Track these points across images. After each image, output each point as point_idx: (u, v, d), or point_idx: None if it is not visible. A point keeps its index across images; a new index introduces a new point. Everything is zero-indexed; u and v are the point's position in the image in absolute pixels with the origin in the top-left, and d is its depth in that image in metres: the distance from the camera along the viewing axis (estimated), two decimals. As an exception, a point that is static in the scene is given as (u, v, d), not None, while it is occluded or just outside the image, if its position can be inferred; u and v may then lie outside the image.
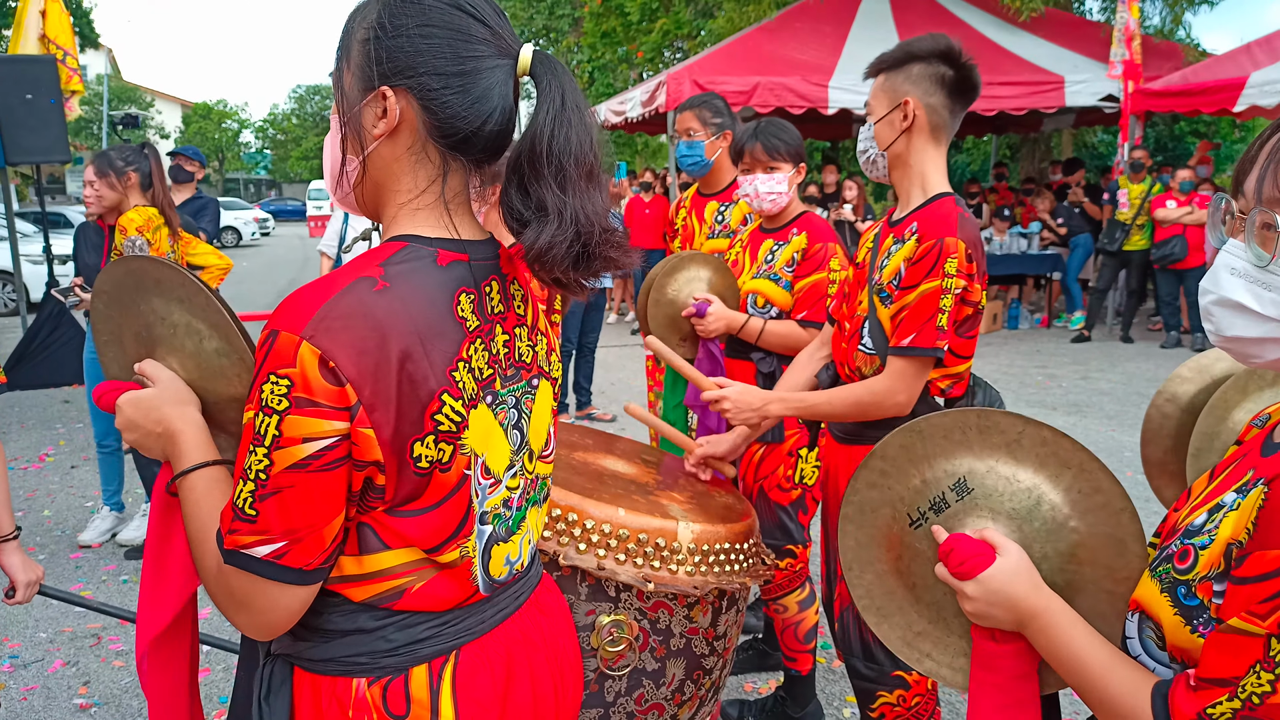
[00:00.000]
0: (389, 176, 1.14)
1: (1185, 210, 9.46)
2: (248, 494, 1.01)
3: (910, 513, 1.31)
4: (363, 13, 1.13)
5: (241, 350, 1.23)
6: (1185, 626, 0.99)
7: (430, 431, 1.06)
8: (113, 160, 4.27)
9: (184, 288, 1.25)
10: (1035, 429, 1.24)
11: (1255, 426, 1.14)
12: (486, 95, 1.11)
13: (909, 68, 2.12)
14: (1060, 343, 10.25)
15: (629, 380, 8.51)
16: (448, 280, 1.11)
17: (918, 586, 1.32)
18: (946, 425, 1.29)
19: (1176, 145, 19.48)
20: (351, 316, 1.01)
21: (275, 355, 0.99)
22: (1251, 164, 0.98)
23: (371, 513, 1.08)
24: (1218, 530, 0.99)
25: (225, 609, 1.07)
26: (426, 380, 1.05)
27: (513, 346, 1.20)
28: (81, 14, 27.13)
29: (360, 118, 1.12)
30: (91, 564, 4.42)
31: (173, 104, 50.38)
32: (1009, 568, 1.16)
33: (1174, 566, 1.03)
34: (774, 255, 2.91)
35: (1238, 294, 0.97)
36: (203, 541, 1.10)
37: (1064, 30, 11.55)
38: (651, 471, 2.23)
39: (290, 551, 1.02)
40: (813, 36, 10.83)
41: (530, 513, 1.27)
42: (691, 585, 1.85)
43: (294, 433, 0.99)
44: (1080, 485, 1.21)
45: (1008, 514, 1.23)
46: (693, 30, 17.89)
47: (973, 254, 2.04)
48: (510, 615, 1.24)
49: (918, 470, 1.30)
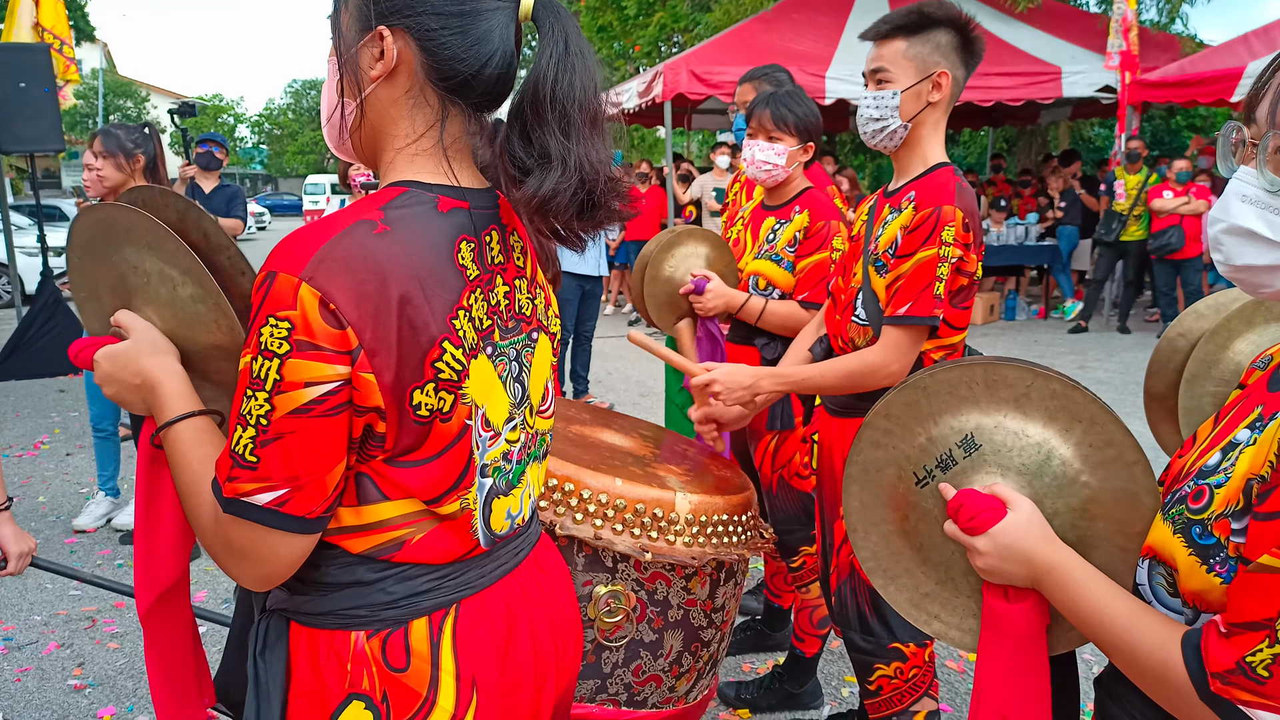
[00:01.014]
0: (386, 120, 1.12)
1: (1182, 200, 9.46)
2: (248, 440, 0.98)
3: (916, 471, 1.28)
4: None
5: (216, 294, 1.19)
6: (1201, 566, 0.96)
7: (430, 379, 1.04)
8: (122, 141, 4.14)
9: (152, 233, 1.20)
10: (1044, 381, 1.20)
11: (1257, 369, 1.13)
12: (486, 37, 1.09)
13: (933, 35, 2.06)
14: (1057, 333, 10.25)
15: (626, 370, 8.51)
16: (448, 227, 1.09)
17: (925, 547, 1.29)
18: (952, 380, 1.25)
19: (1173, 139, 19.49)
20: (351, 258, 0.99)
21: (274, 297, 0.97)
22: (1263, 91, 0.97)
23: (371, 462, 1.07)
24: (1234, 467, 0.97)
25: (223, 560, 1.05)
26: (427, 326, 1.03)
27: (513, 298, 1.19)
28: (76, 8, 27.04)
29: (357, 59, 1.10)
30: (86, 549, 4.41)
31: (168, 97, 50.16)
32: (1021, 521, 1.14)
33: (1188, 507, 1.01)
34: (775, 234, 2.86)
35: (1249, 220, 0.95)
36: (195, 493, 1.08)
37: (1061, 22, 11.55)
38: (649, 445, 2.21)
39: (292, 499, 1.00)
40: (809, 27, 10.81)
41: (530, 467, 1.26)
42: (689, 556, 1.84)
43: (295, 377, 0.97)
44: (1091, 439, 1.18)
45: (1017, 470, 1.20)
46: (689, 24, 17.85)
47: (969, 223, 2.01)
48: (510, 571, 1.23)
49: (923, 428, 1.27)
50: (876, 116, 2.12)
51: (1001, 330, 10.58)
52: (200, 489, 1.07)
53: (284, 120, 59.99)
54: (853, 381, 2.11)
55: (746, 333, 2.94)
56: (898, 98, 2.08)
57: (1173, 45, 11.42)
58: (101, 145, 4.10)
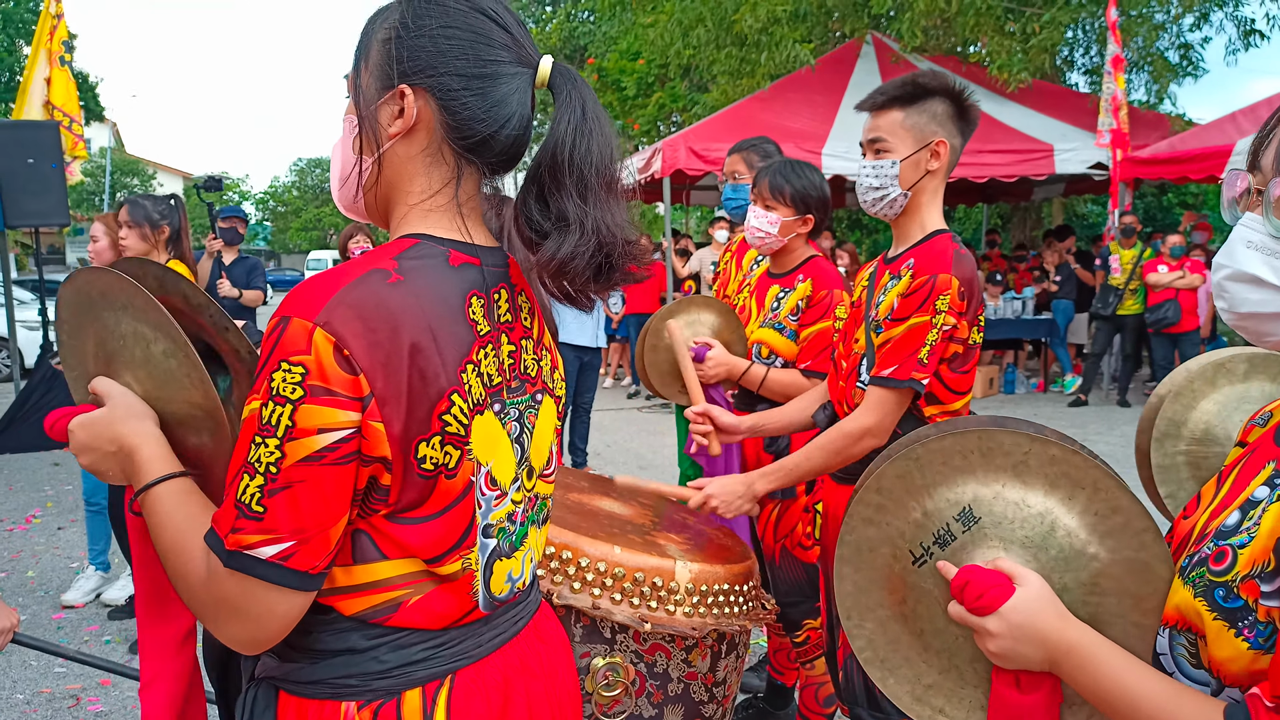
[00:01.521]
0: (403, 177, 1.13)
1: (1177, 274, 9.54)
2: (255, 489, 0.96)
3: (913, 549, 1.19)
4: (384, 14, 1.13)
5: (185, 346, 1.15)
6: (1229, 630, 0.91)
7: (437, 432, 1.02)
8: (149, 211, 4.18)
9: (125, 293, 1.18)
10: (1042, 446, 1.13)
11: (1258, 425, 1.11)
12: (505, 100, 1.11)
13: (929, 105, 2.09)
14: (1057, 407, 10.23)
15: (624, 443, 8.46)
16: (460, 281, 1.09)
17: (926, 632, 1.20)
18: (946, 449, 1.18)
19: (1165, 215, 19.73)
20: (365, 306, 0.98)
21: (287, 342, 0.96)
22: (1268, 138, 0.97)
23: (371, 518, 1.04)
24: (1258, 526, 0.93)
25: (214, 619, 1.01)
26: (438, 378, 1.02)
27: (518, 358, 1.18)
28: (88, 88, 27.63)
29: (376, 115, 1.11)
30: (74, 624, 4.32)
31: (175, 176, 50.95)
32: (1032, 597, 1.06)
33: (1209, 569, 0.96)
34: (780, 303, 2.87)
35: (1254, 266, 0.94)
36: (181, 551, 1.04)
37: (1052, 101, 11.79)
38: (648, 513, 2.18)
39: (298, 553, 0.97)
40: (805, 106, 11.03)
41: (531, 531, 1.23)
42: (690, 626, 1.79)
43: (308, 423, 0.95)
44: (1096, 506, 1.11)
45: (1020, 543, 1.13)
46: (687, 103, 18.22)
47: (965, 291, 2.02)
48: (509, 640, 1.19)
49: (917, 501, 1.19)
50: (876, 185, 2.14)
51: (1001, 404, 10.56)
52: (186, 546, 1.04)
53: (288, 197, 60.81)
54: (838, 454, 2.10)
55: (748, 401, 2.92)
56: (897, 167, 2.10)
57: (1162, 124, 11.64)
58: (128, 214, 4.16)
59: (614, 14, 18.35)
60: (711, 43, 13.43)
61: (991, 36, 11.56)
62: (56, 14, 8.40)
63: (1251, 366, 1.60)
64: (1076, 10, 11.65)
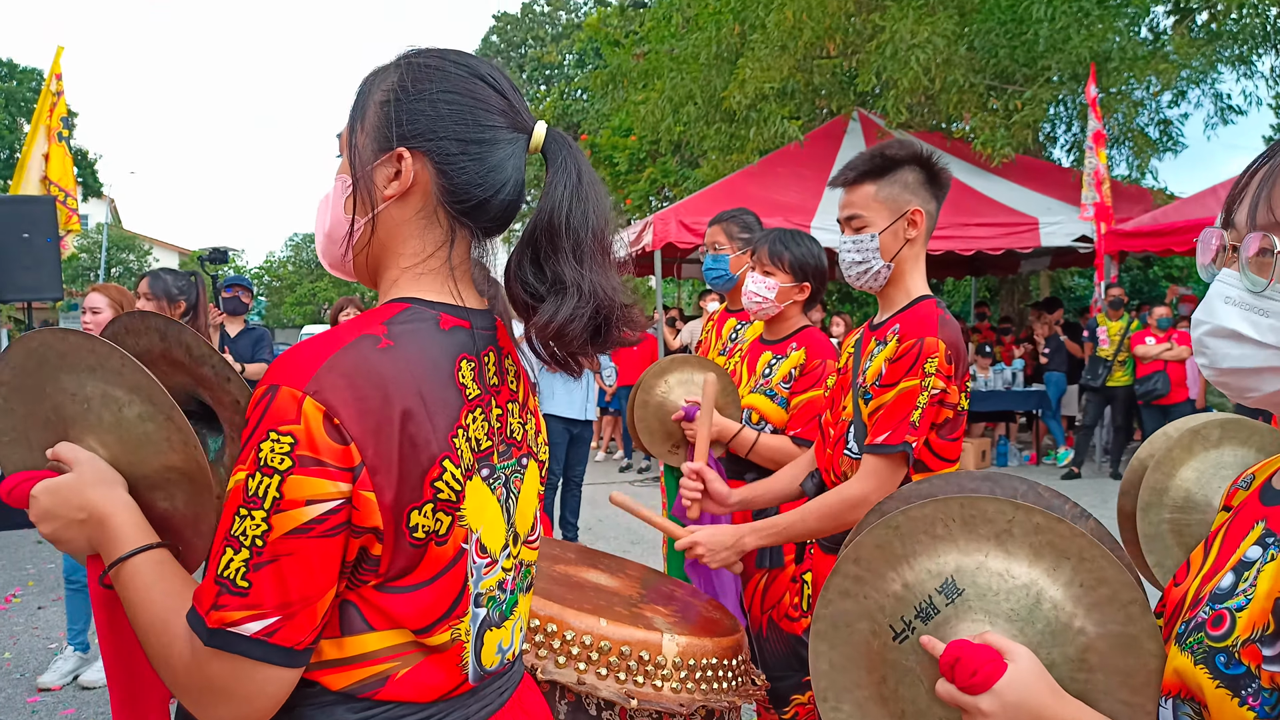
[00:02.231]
0: (396, 239, 1.13)
1: (1165, 346, 9.61)
2: (240, 563, 0.93)
3: (893, 624, 1.13)
4: (381, 76, 1.14)
5: (168, 410, 1.12)
6: (1233, 699, 0.88)
7: (429, 499, 1.01)
8: (168, 286, 4.26)
9: (94, 354, 1.14)
10: (1026, 514, 1.10)
11: (1241, 489, 1.10)
12: (501, 165, 1.11)
13: (900, 175, 2.12)
14: (1050, 479, 10.18)
15: (616, 516, 8.36)
16: (450, 345, 1.08)
17: (907, 714, 1.13)
18: (927, 518, 1.13)
19: (1151, 288, 19.95)
20: (356, 373, 0.97)
21: (276, 411, 0.94)
22: (1241, 194, 0.97)
23: (360, 589, 1.01)
24: (1254, 588, 0.90)
25: (199, 701, 0.97)
26: (429, 444, 1.00)
27: (505, 422, 1.17)
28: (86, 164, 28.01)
29: (372, 177, 1.11)
30: (49, 708, 4.19)
31: (170, 251, 51.30)
32: (1025, 674, 1.01)
33: (1208, 634, 0.93)
34: (772, 369, 2.88)
35: (1233, 321, 0.94)
36: (162, 631, 1.00)
37: (1035, 175, 12.00)
38: (635, 585, 2.14)
39: (283, 628, 0.94)
40: (794, 180, 11.21)
41: (521, 599, 1.21)
42: (677, 703, 1.74)
43: (297, 494, 0.93)
44: (1082, 577, 1.07)
45: (1006, 616, 1.08)
46: (678, 178, 18.52)
47: (952, 355, 2.03)
48: (494, 713, 1.16)
49: (897, 573, 1.14)
50: (859, 260, 2.16)
51: (995, 475, 10.51)
52: (168, 626, 1.00)
53: (283, 272, 61.27)
54: (836, 519, 2.08)
55: (737, 467, 2.90)
56: (876, 240, 2.12)
57: (1145, 198, 11.84)
58: (148, 287, 4.26)
59: (606, 91, 18.76)
60: (701, 119, 13.72)
61: (975, 113, 11.84)
62: (57, 91, 8.56)
63: (1224, 433, 1.63)
64: (1058, 87, 11.95)
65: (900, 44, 11.01)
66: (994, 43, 11.99)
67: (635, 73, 16.79)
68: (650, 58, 15.95)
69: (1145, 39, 13.21)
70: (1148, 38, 13.50)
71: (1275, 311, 0.91)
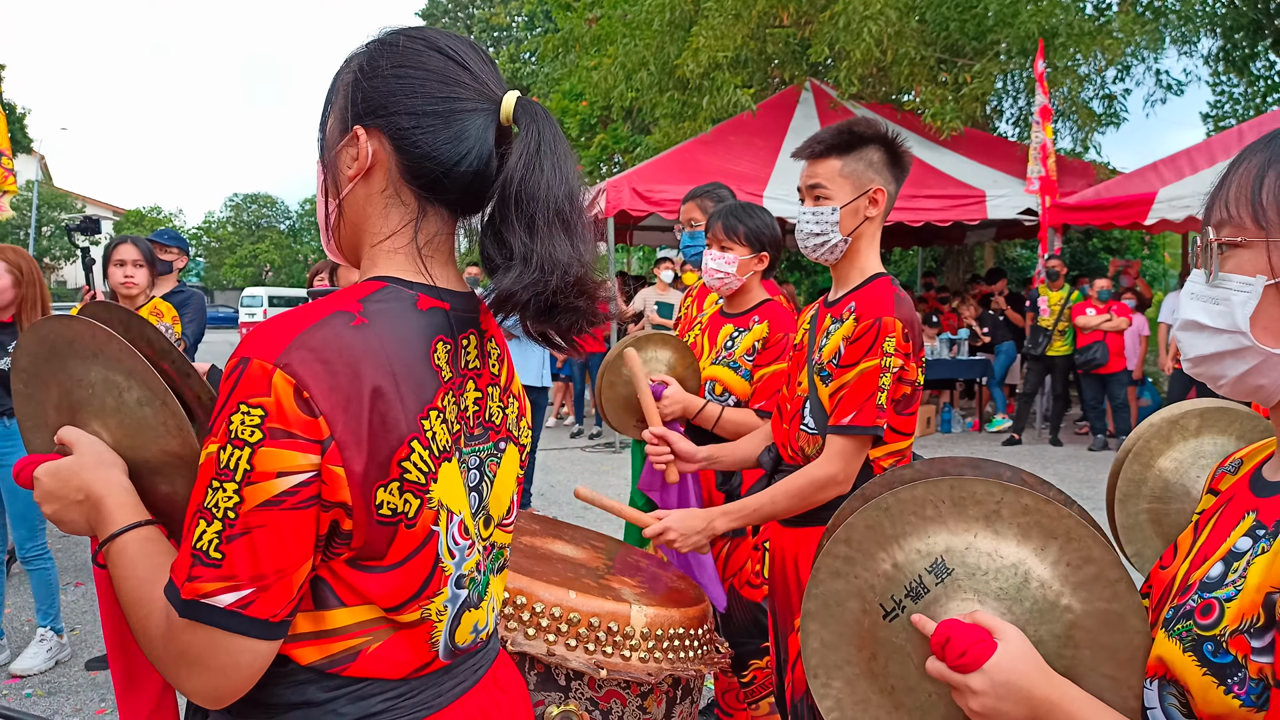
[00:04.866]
0: (362, 218, 1.13)
1: (1104, 317, 9.86)
2: (212, 535, 0.93)
3: (883, 602, 1.14)
4: (353, 59, 1.14)
5: (163, 394, 1.13)
6: (1219, 687, 0.91)
7: (396, 479, 1.01)
8: (148, 249, 4.46)
9: (95, 340, 1.15)
10: (1014, 496, 1.12)
11: (1228, 473, 1.14)
12: (460, 137, 1.10)
13: (865, 153, 2.14)
14: (992, 446, 10.44)
15: (569, 483, 8.40)
16: (426, 326, 1.08)
17: (896, 690, 1.15)
18: (917, 499, 1.15)
19: (1090, 260, 20.42)
20: (327, 348, 0.97)
21: (247, 383, 0.94)
22: (1210, 202, 1.02)
23: (331, 563, 1.02)
24: (1244, 580, 0.93)
25: (175, 673, 0.98)
26: (398, 424, 1.00)
27: (484, 405, 1.17)
28: (15, 120, 26.98)
29: (337, 160, 1.12)
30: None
31: (105, 210, 49.84)
32: (1015, 653, 1.02)
33: (1196, 622, 0.95)
34: (734, 342, 2.90)
35: (1194, 313, 1.00)
36: (144, 602, 1.01)
37: (983, 148, 12.18)
38: (601, 556, 2.17)
39: (257, 600, 0.94)
40: (746, 149, 11.24)
41: (492, 580, 1.22)
42: (645, 672, 1.78)
43: (267, 466, 0.93)
44: (1069, 557, 1.09)
45: (995, 595, 1.10)
46: (630, 145, 18.43)
47: (909, 333, 2.06)
48: (469, 689, 1.17)
49: (887, 553, 1.15)
50: (817, 231, 2.18)
51: (939, 442, 10.74)
52: (148, 597, 1.00)
53: (223, 233, 59.89)
54: (804, 500, 2.11)
55: (700, 440, 2.93)
56: (837, 213, 2.15)
57: (1088, 172, 12.08)
58: (140, 253, 4.41)
59: (557, 56, 18.54)
60: (654, 86, 13.63)
61: (925, 86, 11.96)
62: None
63: (1203, 422, 1.65)
64: (1006, 62, 12.10)
65: (853, 15, 11.06)
66: (945, 16, 12.10)
67: (588, 38, 16.61)
68: (603, 23, 15.78)
69: (1091, 15, 13.39)
70: (1094, 14, 13.70)
71: (1224, 299, 0.97)
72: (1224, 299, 0.97)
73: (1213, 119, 18.09)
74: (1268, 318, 0.94)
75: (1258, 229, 0.95)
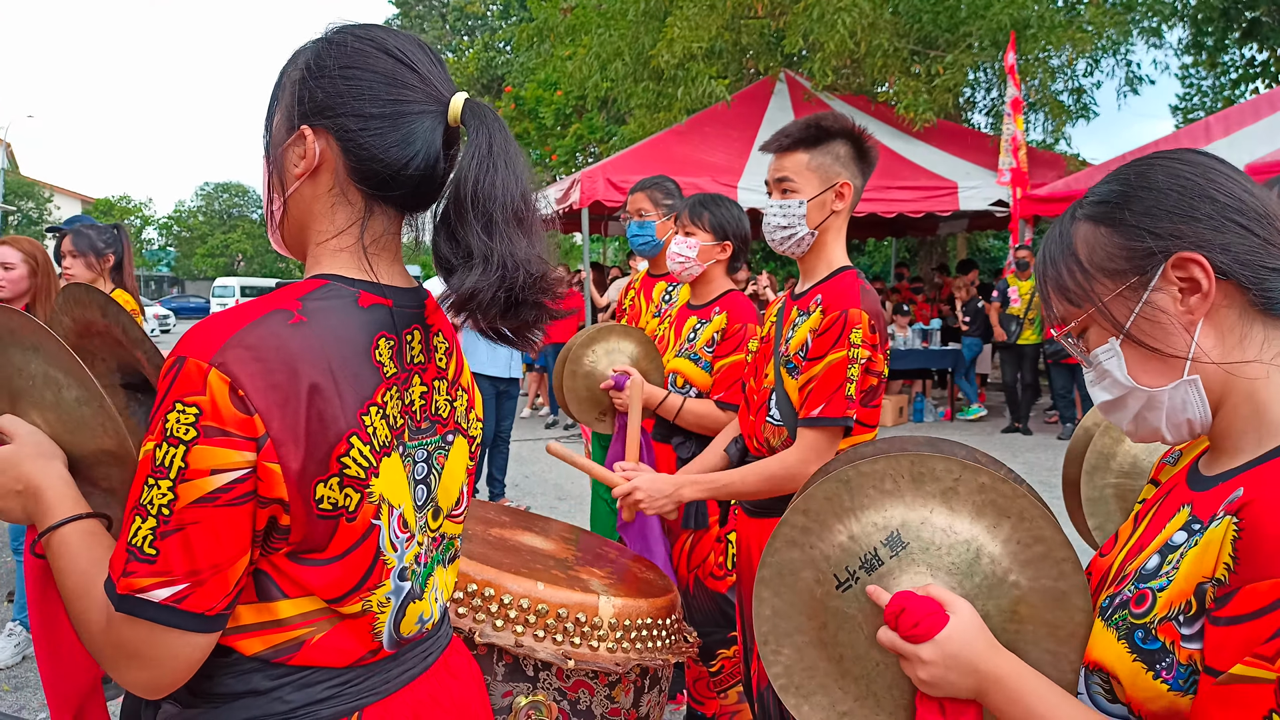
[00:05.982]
0: (308, 216, 1.14)
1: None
2: (147, 531, 0.94)
3: (838, 573, 1.17)
4: (299, 55, 1.14)
5: (99, 396, 1.14)
6: (1147, 673, 0.94)
7: (335, 474, 1.02)
8: (94, 241, 4.04)
9: (36, 335, 1.16)
10: (972, 474, 1.15)
11: (1168, 464, 1.17)
12: (408, 139, 1.10)
13: (832, 147, 2.16)
14: (964, 434, 10.53)
15: (543, 473, 8.41)
16: (367, 322, 1.09)
17: (845, 658, 1.18)
18: (877, 473, 1.17)
19: (1062, 250, 20.60)
20: (263, 347, 0.98)
21: (182, 381, 0.95)
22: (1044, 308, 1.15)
23: (272, 556, 1.03)
24: (1176, 570, 0.96)
25: (114, 665, 0.99)
26: (336, 420, 1.02)
27: (430, 399, 1.18)
28: (-21, 107, 26.47)
29: (283, 158, 1.13)
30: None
31: (73, 199, 49.09)
32: (965, 626, 1.06)
33: (1131, 612, 0.99)
34: (696, 334, 2.92)
35: (1099, 396, 1.11)
36: (83, 595, 1.02)
37: (955, 140, 12.25)
38: (570, 547, 2.18)
39: (192, 595, 0.96)
40: (721, 140, 11.24)
41: (437, 571, 1.23)
42: (613, 662, 1.79)
43: (201, 464, 0.94)
44: (1020, 535, 1.13)
45: (947, 569, 1.13)
46: (605, 135, 18.41)
47: (875, 324, 2.09)
48: (418, 676, 1.18)
49: (844, 525, 1.18)
50: (784, 224, 2.20)
51: (911, 432, 10.83)
52: (89, 590, 1.01)
53: (194, 223, 59.23)
54: (772, 485, 2.13)
55: (665, 430, 2.96)
56: (804, 207, 2.17)
57: (1059, 163, 12.20)
58: (72, 244, 4.04)
59: (532, 45, 18.45)
60: (629, 76, 13.60)
61: (898, 77, 12.01)
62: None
63: None
64: (978, 54, 12.17)
65: (827, 7, 11.07)
66: (917, 7, 12.15)
67: (562, 28, 16.55)
68: (578, 13, 15.72)
69: (1062, 8, 13.50)
70: (1064, 6, 13.81)
71: (1105, 372, 1.07)
72: (1105, 373, 1.06)
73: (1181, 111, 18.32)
74: (1135, 366, 1.03)
75: (1079, 309, 1.07)
